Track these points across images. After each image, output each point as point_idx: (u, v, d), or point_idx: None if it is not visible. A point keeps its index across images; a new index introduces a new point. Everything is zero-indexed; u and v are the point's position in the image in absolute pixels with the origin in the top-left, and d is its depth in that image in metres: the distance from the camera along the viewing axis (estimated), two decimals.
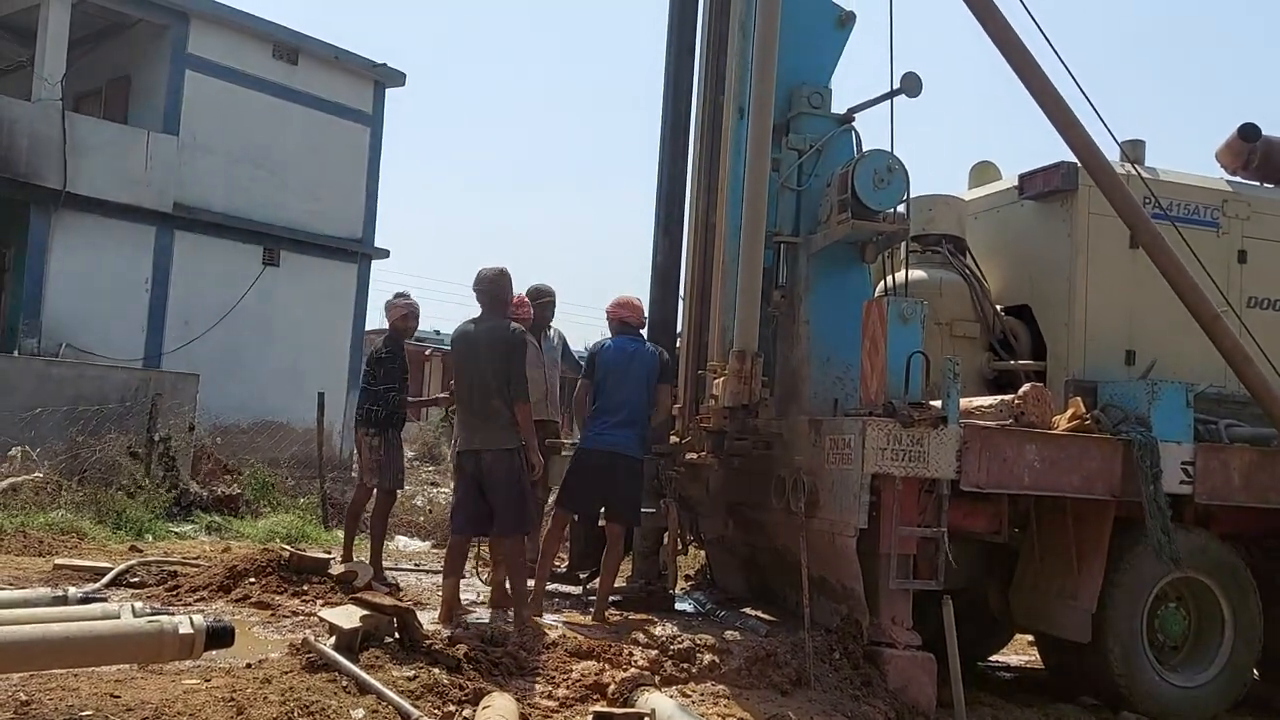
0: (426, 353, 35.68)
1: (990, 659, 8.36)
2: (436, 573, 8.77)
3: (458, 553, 6.55)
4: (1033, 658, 8.18)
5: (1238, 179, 8.27)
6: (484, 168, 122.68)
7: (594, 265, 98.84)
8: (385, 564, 8.25)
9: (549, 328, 8.51)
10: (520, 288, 7.43)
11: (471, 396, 6.38)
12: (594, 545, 7.67)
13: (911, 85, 6.94)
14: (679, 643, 5.71)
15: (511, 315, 6.83)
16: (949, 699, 5.82)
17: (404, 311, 8.07)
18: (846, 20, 7.40)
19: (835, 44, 7.41)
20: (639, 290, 8.07)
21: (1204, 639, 6.83)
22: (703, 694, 5.30)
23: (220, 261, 17.83)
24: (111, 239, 16.69)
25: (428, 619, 5.90)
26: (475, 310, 6.59)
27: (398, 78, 20.33)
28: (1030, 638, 7.81)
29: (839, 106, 7.36)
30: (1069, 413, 6.67)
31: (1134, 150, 7.55)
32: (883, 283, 7.50)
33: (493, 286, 6.48)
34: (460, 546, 6.61)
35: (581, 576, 7.68)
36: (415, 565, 9.36)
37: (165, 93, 17.49)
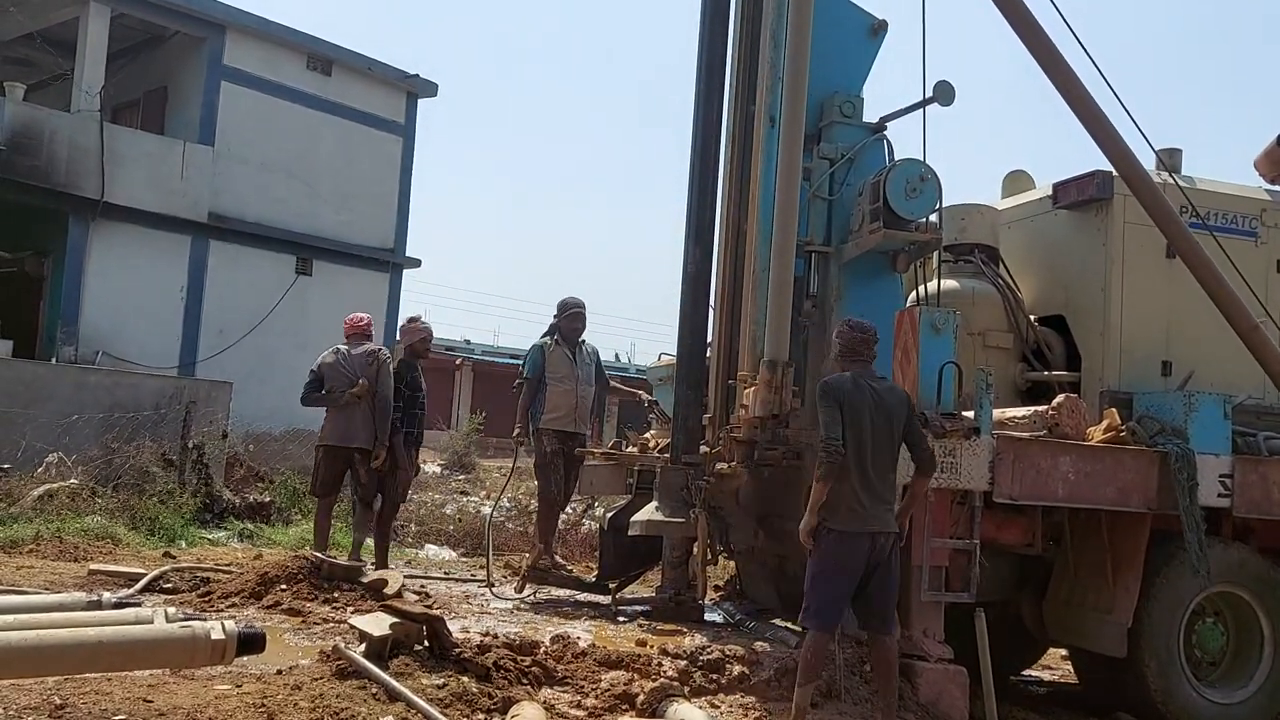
0: (457, 362, 35.85)
1: (1023, 673, 8.27)
2: (466, 581, 8.82)
3: (823, 654, 5.32)
4: (1067, 672, 8.09)
5: (1277, 188, 8.16)
6: (516, 177, 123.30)
7: (626, 274, 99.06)
8: (415, 573, 8.32)
9: (583, 341, 8.63)
10: (551, 298, 7.48)
11: (872, 466, 5.25)
12: (623, 556, 7.68)
13: (944, 94, 6.90)
14: (708, 653, 5.68)
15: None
16: (981, 713, 5.76)
17: (424, 335, 8.46)
18: (879, 29, 7.37)
19: (867, 53, 7.37)
20: (671, 300, 8.09)
21: (1243, 655, 6.72)
22: (732, 705, 5.27)
23: (254, 270, 18.00)
24: (147, 248, 16.90)
25: (457, 627, 5.91)
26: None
27: (430, 88, 20.48)
28: (1064, 652, 7.72)
29: (871, 115, 7.33)
30: (1104, 424, 6.60)
31: (1171, 158, 7.46)
32: (915, 292, 7.45)
33: (856, 339, 5.51)
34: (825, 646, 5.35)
35: (611, 586, 7.69)
36: (445, 574, 9.39)
37: (201, 104, 17.71)
